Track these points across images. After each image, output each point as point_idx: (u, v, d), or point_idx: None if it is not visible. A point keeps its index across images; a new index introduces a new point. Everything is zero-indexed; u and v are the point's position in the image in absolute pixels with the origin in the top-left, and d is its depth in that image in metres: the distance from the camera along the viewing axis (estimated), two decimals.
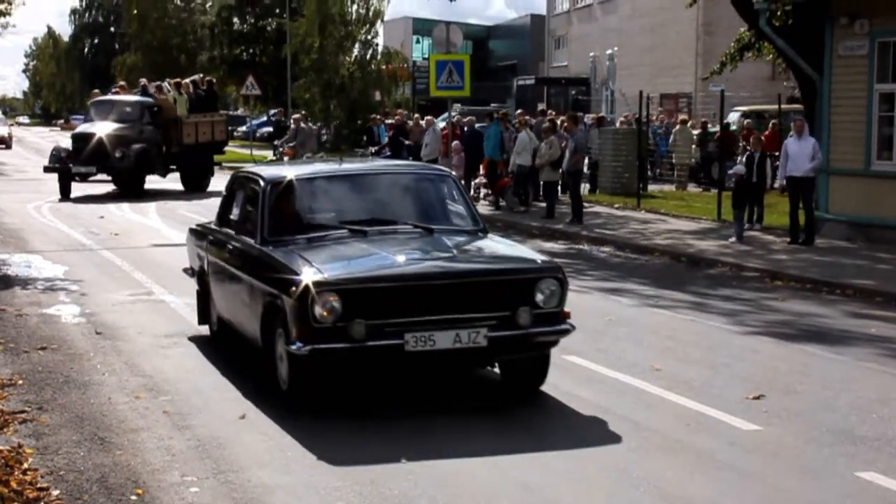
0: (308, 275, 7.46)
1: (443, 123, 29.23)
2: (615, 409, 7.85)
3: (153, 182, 28.34)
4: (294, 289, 7.45)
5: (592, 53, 55.50)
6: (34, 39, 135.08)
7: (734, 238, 17.63)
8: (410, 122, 31.23)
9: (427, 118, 28.82)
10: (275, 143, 36.28)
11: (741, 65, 26.13)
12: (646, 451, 6.93)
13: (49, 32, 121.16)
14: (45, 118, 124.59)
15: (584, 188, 24.54)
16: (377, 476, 6.40)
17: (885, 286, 13.35)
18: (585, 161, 23.97)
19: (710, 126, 28.15)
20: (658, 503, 6.07)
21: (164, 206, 24.76)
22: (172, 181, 29.54)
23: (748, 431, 7.36)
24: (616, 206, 23.61)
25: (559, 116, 25.98)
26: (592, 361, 9.21)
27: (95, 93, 32.99)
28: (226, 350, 9.84)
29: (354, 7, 49.04)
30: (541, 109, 30.76)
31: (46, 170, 27.72)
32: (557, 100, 51.96)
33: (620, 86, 48.19)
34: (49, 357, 9.60)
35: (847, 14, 17.42)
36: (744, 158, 18.71)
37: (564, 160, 21.09)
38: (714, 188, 24.12)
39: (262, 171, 9.36)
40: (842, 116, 17.87)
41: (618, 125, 30.15)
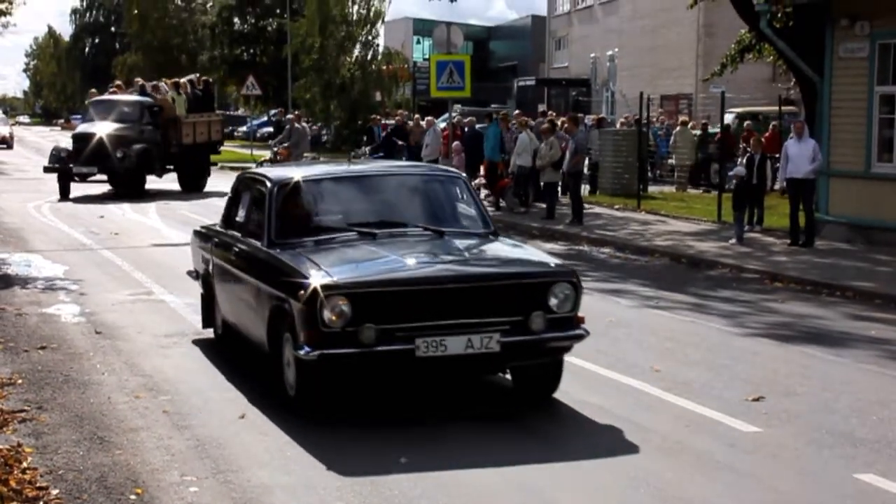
0: (317, 278, 7.30)
1: (443, 124, 29.21)
2: (615, 410, 7.85)
3: (151, 182, 28.27)
4: (302, 292, 7.29)
5: (593, 54, 55.51)
6: (35, 39, 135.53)
7: (734, 240, 17.63)
8: (411, 123, 31.20)
9: (427, 119, 28.80)
10: (269, 143, 36.29)
11: (742, 66, 26.11)
12: (645, 453, 6.92)
13: (50, 32, 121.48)
14: (46, 118, 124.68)
15: (585, 189, 24.53)
16: (377, 476, 6.39)
17: (885, 288, 13.35)
18: (586, 162, 23.98)
19: (710, 127, 28.15)
20: None
21: (164, 206, 24.75)
22: (168, 181, 29.47)
23: (748, 433, 7.36)
24: (616, 208, 23.60)
25: (560, 117, 25.99)
26: (592, 362, 9.19)
27: (93, 92, 32.87)
28: (226, 350, 9.84)
29: (355, 7, 49.12)
30: (541, 111, 30.75)
31: (46, 170, 27.59)
32: (558, 101, 51.97)
33: (621, 87, 48.22)
34: (49, 356, 9.60)
35: (848, 16, 17.42)
36: (744, 160, 18.72)
37: (565, 161, 21.10)
38: (714, 189, 24.12)
39: (269, 173, 9.23)
40: (842, 118, 17.87)
41: (618, 126, 30.14)
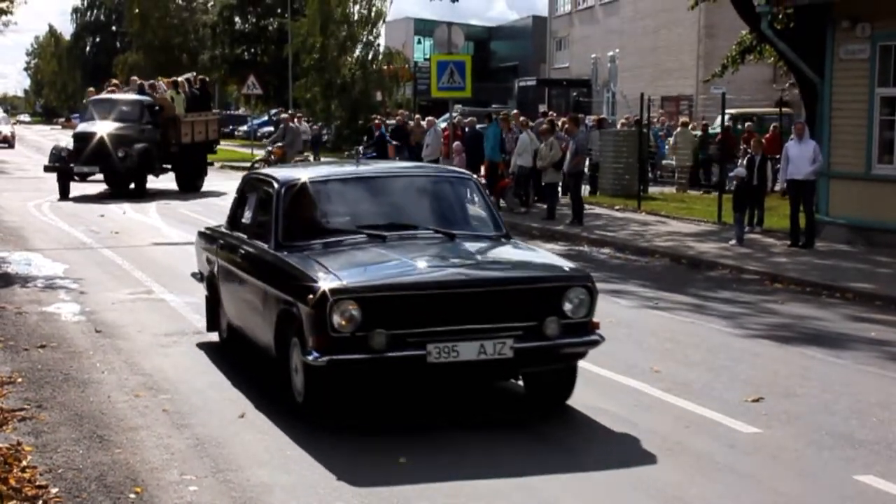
0: (326, 281, 7.11)
1: (444, 124, 29.22)
2: (614, 411, 7.85)
3: (149, 182, 28.20)
4: (311, 296, 7.08)
5: (594, 55, 55.50)
6: (35, 38, 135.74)
7: (734, 241, 17.62)
8: (412, 123, 31.21)
9: (428, 119, 28.81)
10: (264, 143, 36.31)
11: (742, 67, 26.12)
12: (645, 453, 6.92)
13: (50, 31, 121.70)
14: (46, 116, 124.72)
15: (585, 190, 24.53)
16: (378, 478, 6.38)
17: (885, 290, 13.35)
18: (586, 162, 23.98)
19: (710, 128, 28.15)
20: None
21: (164, 206, 24.76)
22: (165, 181, 29.42)
23: (747, 434, 7.36)
24: (616, 208, 23.60)
25: (560, 118, 26.00)
26: (592, 363, 9.17)
27: (91, 91, 32.83)
28: (226, 349, 9.83)
29: (356, 7, 49.17)
30: (542, 111, 30.75)
31: (47, 169, 27.53)
32: (559, 101, 52.01)
33: (622, 88, 48.21)
34: (48, 355, 9.59)
35: (848, 17, 17.41)
36: (744, 161, 18.72)
37: (565, 162, 21.11)
38: (714, 190, 24.12)
39: (276, 174, 9.04)
40: (843, 120, 17.87)
41: (619, 127, 30.16)
